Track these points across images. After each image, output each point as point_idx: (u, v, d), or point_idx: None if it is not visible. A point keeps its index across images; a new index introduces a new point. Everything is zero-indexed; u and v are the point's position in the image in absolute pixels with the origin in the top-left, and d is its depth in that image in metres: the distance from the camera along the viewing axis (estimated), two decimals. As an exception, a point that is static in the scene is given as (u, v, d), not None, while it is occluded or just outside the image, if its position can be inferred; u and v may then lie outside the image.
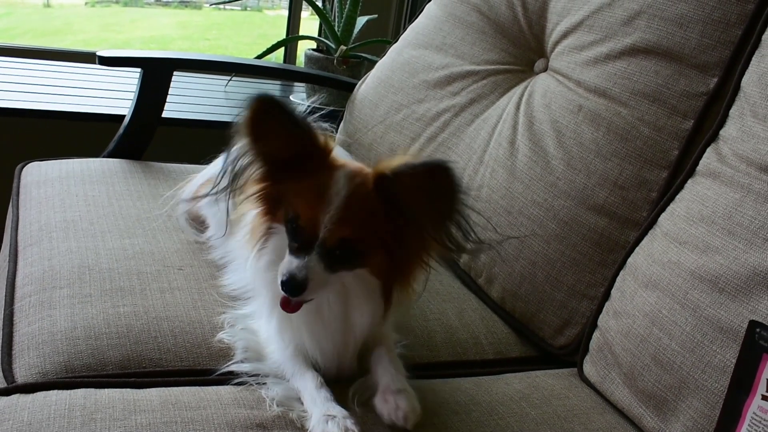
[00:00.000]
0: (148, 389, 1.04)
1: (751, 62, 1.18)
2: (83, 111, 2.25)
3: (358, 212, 0.99)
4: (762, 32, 1.19)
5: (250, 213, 1.12)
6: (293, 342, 1.09)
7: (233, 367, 1.10)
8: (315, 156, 1.03)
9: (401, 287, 1.05)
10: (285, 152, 1.03)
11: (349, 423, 0.98)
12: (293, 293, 0.99)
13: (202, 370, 1.12)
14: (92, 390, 1.02)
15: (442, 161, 0.95)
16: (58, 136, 2.39)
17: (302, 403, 1.04)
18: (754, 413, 0.88)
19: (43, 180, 1.68)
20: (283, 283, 0.98)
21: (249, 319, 1.19)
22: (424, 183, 0.96)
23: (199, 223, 1.47)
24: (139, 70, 1.95)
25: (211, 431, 0.96)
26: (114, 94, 2.45)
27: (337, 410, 1.00)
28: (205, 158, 1.49)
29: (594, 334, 1.27)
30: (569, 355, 1.33)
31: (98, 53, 1.89)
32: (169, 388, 1.05)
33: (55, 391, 1.01)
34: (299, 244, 0.99)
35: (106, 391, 1.02)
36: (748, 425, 0.88)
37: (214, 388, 1.06)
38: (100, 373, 1.09)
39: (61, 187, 1.62)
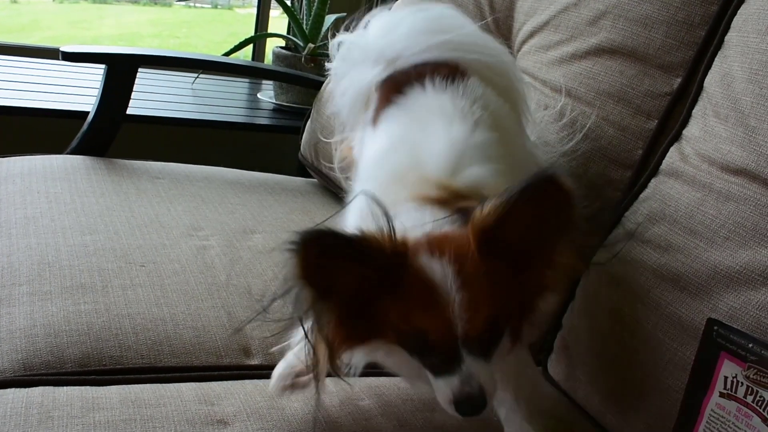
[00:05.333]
0: (107, 387, 1.03)
1: (714, 63, 1.19)
2: (46, 107, 2.22)
3: (481, 286, 0.83)
4: (725, 33, 1.20)
5: None
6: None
7: None
8: (394, 263, 0.83)
9: (528, 323, 0.92)
10: (360, 283, 0.84)
11: None
12: (478, 411, 0.83)
13: (163, 367, 1.11)
14: (50, 388, 1.00)
15: (543, 175, 0.80)
16: (21, 132, 2.36)
17: None
18: (712, 410, 0.89)
19: (4, 177, 1.65)
20: (460, 410, 0.83)
21: None
22: (536, 211, 0.82)
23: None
24: (103, 66, 1.93)
25: (171, 428, 0.95)
26: (78, 91, 2.42)
27: None
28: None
29: (558, 333, 1.27)
30: (534, 354, 1.33)
31: (61, 49, 1.86)
32: (129, 386, 1.04)
33: (12, 390, 0.99)
34: (439, 359, 0.84)
35: (65, 388, 1.01)
36: (706, 422, 0.89)
37: (175, 385, 1.05)
38: (59, 371, 1.07)
39: (23, 184, 1.60)
